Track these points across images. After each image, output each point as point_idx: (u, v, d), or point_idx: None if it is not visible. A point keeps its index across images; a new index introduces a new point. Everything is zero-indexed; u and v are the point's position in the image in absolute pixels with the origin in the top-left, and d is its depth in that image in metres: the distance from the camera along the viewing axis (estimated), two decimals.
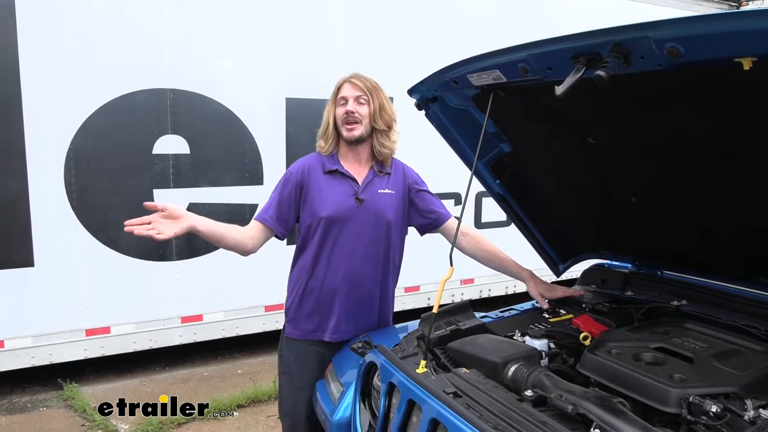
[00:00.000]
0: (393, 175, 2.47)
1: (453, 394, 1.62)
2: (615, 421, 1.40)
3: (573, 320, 2.21)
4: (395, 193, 2.45)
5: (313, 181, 2.38)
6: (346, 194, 2.37)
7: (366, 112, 2.35)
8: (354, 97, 2.34)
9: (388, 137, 2.40)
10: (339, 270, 2.39)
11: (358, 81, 2.36)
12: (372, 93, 2.35)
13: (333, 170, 2.39)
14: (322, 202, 2.36)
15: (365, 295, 2.45)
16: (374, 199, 2.39)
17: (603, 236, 2.45)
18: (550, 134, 2.03)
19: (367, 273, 2.42)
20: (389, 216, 2.42)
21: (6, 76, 3.95)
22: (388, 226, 2.42)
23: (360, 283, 2.40)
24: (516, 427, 1.44)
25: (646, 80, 1.44)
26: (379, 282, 2.46)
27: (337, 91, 2.38)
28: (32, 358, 4.29)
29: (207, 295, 4.81)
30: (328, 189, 2.37)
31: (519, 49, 1.57)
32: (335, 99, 2.38)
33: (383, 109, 2.36)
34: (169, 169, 4.54)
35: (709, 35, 1.15)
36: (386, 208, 2.41)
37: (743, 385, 1.58)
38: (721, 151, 1.61)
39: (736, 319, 1.97)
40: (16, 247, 4.14)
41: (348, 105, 2.33)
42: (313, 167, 2.40)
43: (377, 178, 2.42)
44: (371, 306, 2.47)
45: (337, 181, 2.38)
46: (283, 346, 2.57)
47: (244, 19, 4.63)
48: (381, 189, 2.42)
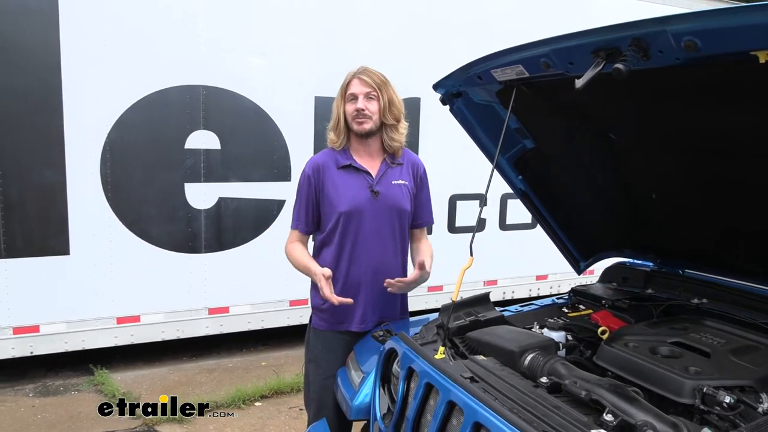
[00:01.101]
0: (404, 165, 2.53)
1: (470, 378, 1.67)
2: (627, 407, 1.43)
3: (592, 315, 2.24)
4: (407, 184, 2.52)
5: (328, 177, 2.45)
6: (361, 188, 2.43)
7: (376, 108, 2.39)
8: (364, 93, 2.38)
9: (397, 130, 2.45)
10: (362, 262, 2.46)
11: (367, 77, 2.39)
12: (381, 88, 2.39)
13: (346, 165, 2.45)
14: (339, 198, 2.43)
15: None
16: (389, 191, 2.46)
17: (625, 234, 2.47)
18: (572, 130, 2.06)
19: (388, 263, 2.49)
20: (404, 205, 2.49)
21: (48, 71, 4.12)
22: (404, 216, 2.50)
23: (382, 274, 2.45)
24: (531, 411, 1.48)
25: (666, 76, 1.47)
26: (399, 271, 2.53)
27: (347, 86, 2.42)
28: (65, 343, 4.44)
29: (234, 288, 4.91)
30: (343, 184, 2.44)
31: (542, 44, 1.61)
32: (344, 94, 2.42)
33: (392, 103, 2.41)
34: (200, 163, 4.66)
35: (725, 29, 1.18)
36: (401, 199, 2.48)
37: (758, 379, 1.59)
38: (739, 149, 1.63)
39: (755, 317, 1.98)
40: (54, 236, 4.30)
41: (358, 102, 2.37)
42: (326, 164, 2.46)
43: (390, 170, 2.49)
44: (394, 295, 2.53)
45: (352, 176, 2.45)
46: (311, 336, 2.65)
47: (275, 18, 4.73)
48: (394, 180, 2.48)
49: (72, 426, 3.86)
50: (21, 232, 4.20)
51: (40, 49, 4.08)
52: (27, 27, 4.04)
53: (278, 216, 4.97)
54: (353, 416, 2.15)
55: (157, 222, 4.59)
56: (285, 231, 4.87)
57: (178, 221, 4.64)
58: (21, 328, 4.30)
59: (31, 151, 4.16)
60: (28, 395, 4.34)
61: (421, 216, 2.63)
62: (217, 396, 4.24)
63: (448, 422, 1.61)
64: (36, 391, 4.40)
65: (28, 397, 4.32)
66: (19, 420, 3.95)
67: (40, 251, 4.28)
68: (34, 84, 4.10)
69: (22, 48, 4.04)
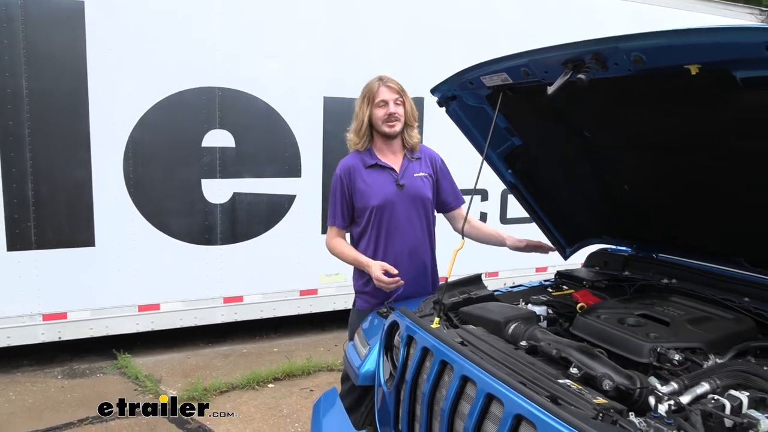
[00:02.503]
0: (423, 159, 2.87)
1: (460, 342, 1.94)
2: (591, 362, 1.70)
3: (573, 294, 2.51)
4: (427, 175, 2.85)
5: (358, 177, 2.78)
6: (388, 183, 2.77)
7: (402, 111, 2.75)
8: (393, 99, 2.72)
9: (413, 129, 2.82)
10: (397, 246, 2.79)
11: (393, 84, 2.74)
12: (404, 94, 2.76)
13: (373, 164, 2.78)
14: (370, 194, 2.76)
15: (421, 265, 2.86)
16: (412, 183, 2.79)
17: (604, 222, 2.73)
18: (553, 129, 2.32)
19: (419, 245, 2.84)
20: (427, 194, 2.83)
21: (76, 74, 4.41)
22: (427, 204, 2.84)
23: (416, 255, 2.82)
24: (509, 367, 1.75)
25: (626, 84, 1.73)
26: (429, 252, 2.89)
27: (374, 94, 2.73)
28: (90, 329, 4.75)
29: (247, 278, 5.20)
30: (373, 181, 2.77)
31: (522, 56, 1.89)
32: (371, 100, 2.73)
33: (413, 107, 2.79)
34: (216, 161, 4.94)
35: (663, 47, 1.45)
36: (423, 188, 2.82)
37: (708, 342, 1.86)
38: (687, 146, 1.89)
39: (715, 294, 2.23)
40: (80, 229, 4.60)
41: (390, 107, 2.71)
42: (355, 166, 2.79)
43: (411, 164, 2.82)
44: (426, 273, 2.88)
45: (379, 173, 2.78)
46: (354, 316, 2.96)
47: (287, 23, 5.01)
48: (416, 173, 2.82)
49: (98, 404, 4.15)
50: (50, 226, 4.50)
51: (67, 56, 4.37)
52: (56, 36, 4.33)
53: (289, 210, 5.25)
54: (360, 382, 2.42)
55: (175, 215, 4.88)
56: (296, 224, 5.24)
57: (195, 215, 4.93)
58: (50, 314, 4.60)
59: (60, 150, 4.46)
60: (57, 377, 4.65)
61: (454, 199, 2.98)
62: (233, 378, 4.53)
63: (441, 379, 1.88)
64: (64, 374, 4.71)
65: (57, 378, 4.63)
66: (49, 398, 4.26)
67: (67, 243, 4.58)
68: (63, 88, 4.40)
69: (52, 55, 4.34)
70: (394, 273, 2.65)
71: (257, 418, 4.01)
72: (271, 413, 4.09)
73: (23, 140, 4.32)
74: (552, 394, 1.54)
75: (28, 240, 4.44)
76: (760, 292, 2.18)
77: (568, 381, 1.64)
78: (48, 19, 4.30)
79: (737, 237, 2.17)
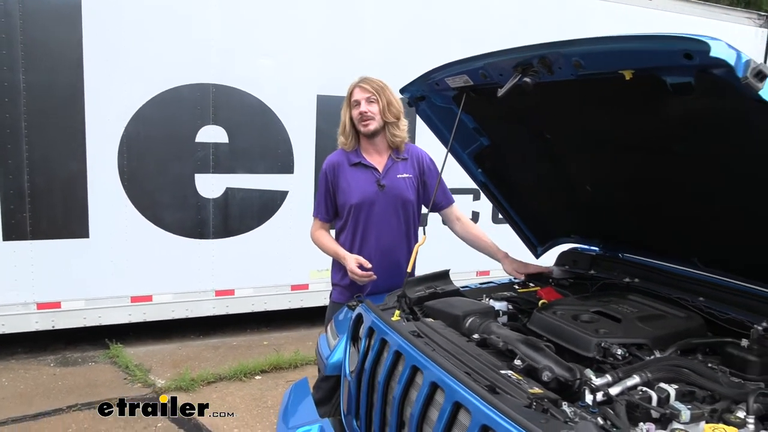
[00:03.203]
0: (409, 160, 2.92)
1: (416, 334, 2.01)
2: (535, 355, 1.77)
3: (538, 291, 2.57)
4: (411, 176, 2.91)
5: (342, 174, 2.86)
6: (369, 182, 2.84)
7: (376, 109, 2.79)
8: (365, 98, 2.79)
9: (398, 127, 2.86)
10: (371, 244, 2.87)
11: (366, 84, 2.81)
12: (379, 92, 2.80)
13: (357, 163, 2.85)
14: (350, 191, 2.84)
15: (395, 264, 2.90)
16: (394, 184, 2.86)
17: (572, 222, 2.79)
18: (517, 130, 2.39)
19: (395, 245, 2.90)
20: (409, 196, 2.89)
21: (72, 70, 4.51)
22: (407, 205, 2.90)
23: (390, 254, 2.88)
24: (458, 357, 1.82)
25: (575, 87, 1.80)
26: (405, 252, 2.92)
27: (350, 95, 2.83)
28: (84, 319, 4.85)
29: (239, 272, 5.29)
30: (354, 179, 2.85)
31: (479, 59, 1.96)
32: (349, 102, 2.83)
33: (391, 104, 2.81)
34: (210, 156, 5.04)
35: (598, 52, 1.51)
36: (405, 190, 2.88)
37: (653, 338, 1.92)
38: (634, 148, 1.95)
39: (672, 293, 2.29)
40: (75, 220, 4.71)
41: (361, 106, 2.79)
42: (340, 163, 2.88)
43: (395, 165, 2.88)
44: (400, 272, 2.91)
45: (361, 172, 2.85)
46: (329, 308, 3.06)
47: (281, 21, 5.09)
48: (399, 174, 2.88)
49: (88, 392, 4.26)
50: (45, 217, 4.61)
51: (64, 51, 4.48)
52: (53, 30, 4.44)
53: (281, 206, 5.34)
54: (328, 372, 2.50)
55: (169, 209, 4.98)
56: (288, 220, 5.32)
57: (188, 209, 5.03)
58: (44, 303, 4.71)
59: (56, 143, 4.57)
60: (50, 365, 4.76)
61: (443, 198, 3.02)
62: (221, 369, 4.62)
63: (395, 368, 1.96)
64: (57, 362, 4.82)
65: (50, 366, 4.74)
66: (41, 385, 4.37)
67: (62, 234, 4.68)
68: (59, 82, 4.50)
69: (49, 49, 4.44)
70: (367, 267, 2.74)
71: (241, 408, 4.10)
72: (256, 404, 4.18)
73: (20, 133, 4.43)
74: (491, 384, 1.61)
75: (24, 230, 4.55)
76: (714, 292, 2.23)
77: (510, 372, 1.71)
78: (45, 14, 4.40)
79: (690, 238, 2.22)
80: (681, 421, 1.45)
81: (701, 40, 1.20)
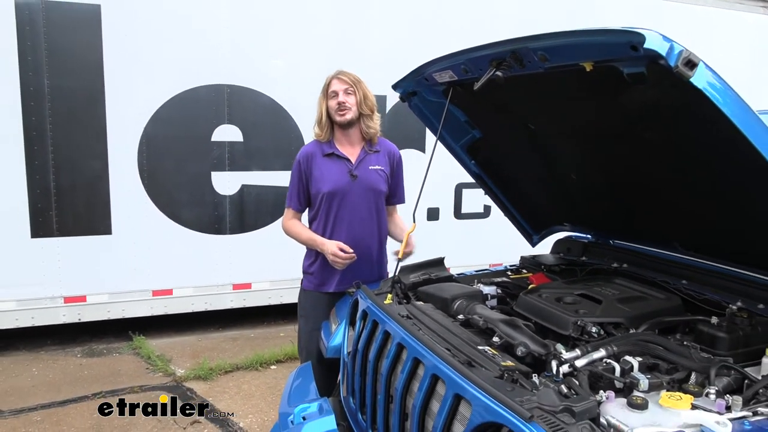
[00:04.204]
0: (381, 152, 3.02)
1: (405, 316, 2.13)
2: (512, 332, 1.88)
3: (530, 277, 2.68)
4: (383, 168, 2.99)
5: (315, 164, 2.96)
6: (341, 172, 2.93)
7: (353, 101, 2.90)
8: (343, 90, 2.89)
9: (372, 119, 2.96)
10: (342, 233, 2.95)
11: (344, 76, 2.92)
12: (356, 85, 2.91)
13: (330, 153, 2.95)
14: (323, 181, 2.93)
15: (365, 253, 2.99)
16: (366, 175, 2.95)
17: (564, 210, 2.88)
18: (505, 122, 2.49)
19: (366, 234, 2.98)
20: (380, 187, 2.98)
21: (93, 72, 4.72)
22: (379, 196, 2.99)
23: (360, 243, 2.94)
24: (442, 336, 1.94)
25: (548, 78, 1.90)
26: (376, 241, 3.01)
27: (327, 86, 2.93)
28: (108, 312, 5.08)
29: (255, 267, 5.46)
30: (327, 169, 2.94)
31: (459, 54, 2.07)
32: (326, 93, 2.93)
33: (366, 97, 2.93)
34: (225, 154, 5.21)
35: (559, 46, 1.62)
36: (377, 181, 2.96)
37: (630, 317, 2.02)
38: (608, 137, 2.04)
39: (656, 277, 2.38)
40: (98, 218, 4.93)
41: (339, 97, 2.89)
42: (313, 153, 2.98)
43: (368, 156, 2.97)
44: (371, 262, 3.03)
45: (334, 162, 2.95)
46: (301, 295, 3.16)
47: (292, 23, 5.24)
48: (372, 165, 2.96)
49: (113, 380, 4.48)
50: (71, 214, 4.84)
51: (86, 56, 4.69)
52: (74, 37, 4.65)
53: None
54: (329, 354, 2.64)
55: (187, 206, 5.18)
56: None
57: (205, 206, 5.22)
58: (71, 297, 4.94)
59: (79, 144, 4.79)
60: (77, 356, 5.00)
61: (396, 195, 3.14)
62: (238, 359, 4.81)
63: (385, 347, 2.08)
64: (83, 353, 5.06)
65: (77, 357, 4.97)
66: (69, 375, 4.60)
67: (86, 231, 4.91)
68: (81, 85, 4.72)
69: (71, 55, 4.66)
70: (348, 251, 2.85)
71: (257, 396, 4.27)
72: (270, 391, 4.34)
73: (45, 135, 4.66)
74: (468, 358, 1.73)
75: (51, 228, 4.78)
76: (696, 275, 2.31)
77: (487, 347, 1.82)
78: (67, 22, 4.61)
79: (670, 223, 2.30)
80: (640, 389, 1.55)
81: (637, 32, 1.30)
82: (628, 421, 1.39)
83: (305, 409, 2.35)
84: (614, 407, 1.46)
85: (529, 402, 1.43)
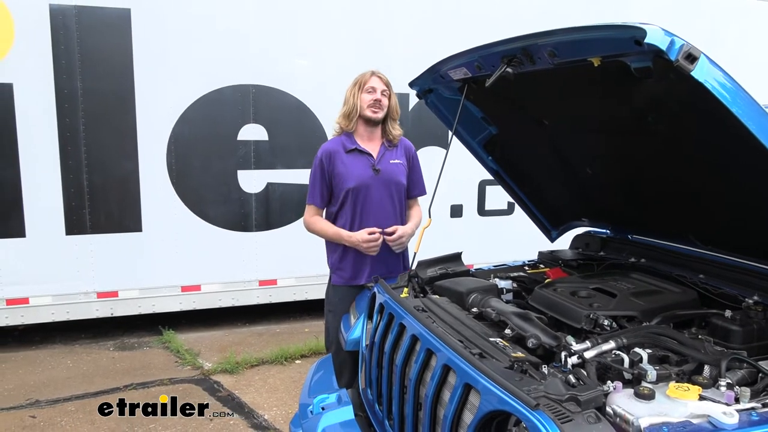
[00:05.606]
0: (399, 147, 3.12)
1: (420, 309, 2.17)
2: (524, 325, 1.91)
3: (547, 272, 2.69)
4: (402, 162, 3.09)
5: (338, 160, 3.04)
6: (365, 167, 3.00)
7: (386, 102, 3.01)
8: (381, 89, 3.00)
9: (395, 125, 3.08)
10: (369, 226, 3.02)
11: (383, 77, 3.02)
12: (390, 89, 3.04)
13: (352, 149, 3.02)
14: (348, 176, 3.01)
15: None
16: (388, 168, 3.03)
17: (581, 206, 2.88)
18: (520, 118, 2.51)
19: (390, 227, 3.04)
20: (401, 179, 3.08)
21: (124, 74, 4.87)
22: (400, 188, 3.09)
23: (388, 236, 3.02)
24: (456, 329, 1.98)
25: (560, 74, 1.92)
26: None
27: (365, 81, 3.01)
28: (139, 307, 5.23)
29: (281, 263, 5.56)
30: (351, 165, 3.02)
31: (473, 52, 2.10)
32: (362, 87, 3.00)
33: (396, 103, 3.07)
34: (251, 153, 5.32)
35: (567, 42, 1.64)
36: (398, 174, 3.06)
37: (643, 311, 2.03)
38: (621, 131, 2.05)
39: (673, 271, 2.37)
40: (129, 215, 5.08)
41: (377, 94, 2.98)
42: (335, 150, 3.06)
43: (388, 151, 3.07)
44: (397, 254, 3.09)
45: (357, 158, 3.03)
46: (330, 291, 3.24)
47: (316, 24, 5.32)
48: (392, 160, 3.06)
49: (144, 373, 4.62)
50: (103, 212, 5.00)
51: (116, 59, 4.84)
52: (106, 41, 4.81)
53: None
54: (348, 347, 2.69)
55: (214, 204, 5.30)
56: None
57: (232, 203, 5.33)
58: (103, 293, 5.11)
59: (110, 144, 4.95)
60: (109, 349, 5.16)
61: (417, 187, 3.23)
62: (264, 354, 4.91)
63: (400, 339, 2.13)
64: (115, 346, 5.22)
65: (109, 350, 5.14)
66: (102, 367, 4.75)
67: (118, 228, 5.07)
68: (112, 88, 4.88)
69: (103, 58, 4.82)
70: (375, 232, 2.96)
71: (281, 389, 4.36)
72: (295, 385, 4.42)
73: (78, 135, 4.82)
74: (480, 350, 1.77)
75: (84, 225, 4.95)
76: (714, 269, 2.30)
77: (499, 339, 1.86)
78: (99, 26, 4.77)
79: (687, 218, 2.30)
80: (648, 380, 1.56)
81: (639, 27, 1.32)
82: (634, 410, 1.41)
83: (324, 400, 2.41)
84: (621, 397, 1.49)
85: (535, 391, 1.46)
